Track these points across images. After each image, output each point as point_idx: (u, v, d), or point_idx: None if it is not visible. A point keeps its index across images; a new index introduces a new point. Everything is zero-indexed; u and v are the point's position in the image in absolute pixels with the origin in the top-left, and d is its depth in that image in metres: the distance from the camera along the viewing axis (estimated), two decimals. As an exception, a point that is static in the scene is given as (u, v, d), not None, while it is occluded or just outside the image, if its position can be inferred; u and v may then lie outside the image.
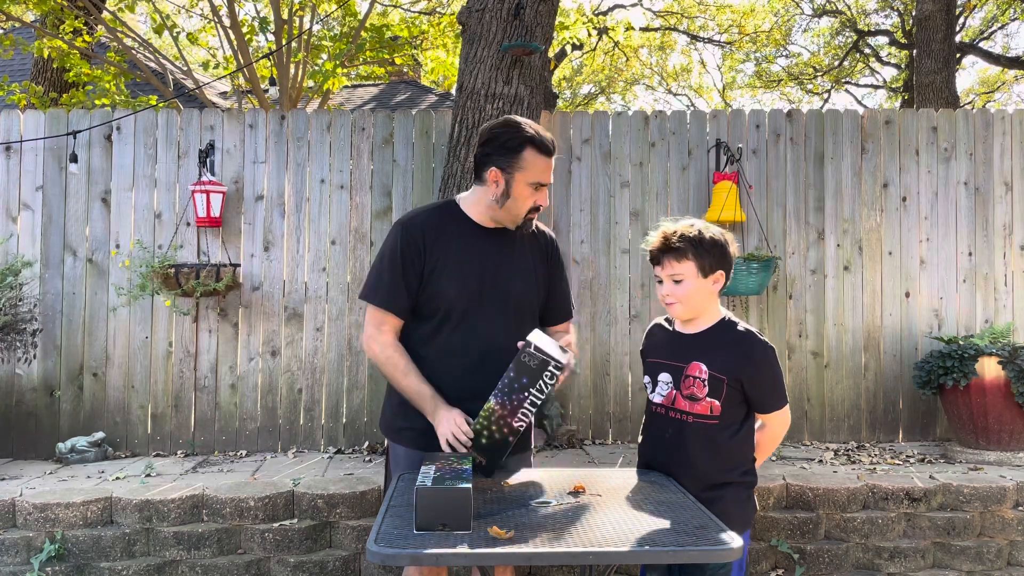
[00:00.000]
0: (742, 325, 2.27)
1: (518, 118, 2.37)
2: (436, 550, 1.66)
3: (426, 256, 2.36)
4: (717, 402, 2.19)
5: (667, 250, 2.22)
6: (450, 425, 2.23)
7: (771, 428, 2.31)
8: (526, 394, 2.14)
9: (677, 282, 2.22)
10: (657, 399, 2.30)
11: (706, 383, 2.19)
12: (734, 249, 2.28)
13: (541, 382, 2.13)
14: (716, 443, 2.20)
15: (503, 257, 2.43)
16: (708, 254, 2.21)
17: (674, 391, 2.25)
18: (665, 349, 2.33)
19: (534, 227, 2.48)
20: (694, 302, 2.24)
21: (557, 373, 2.12)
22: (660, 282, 2.28)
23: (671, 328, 2.36)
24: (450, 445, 2.23)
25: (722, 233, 2.26)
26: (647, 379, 2.36)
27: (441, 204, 2.53)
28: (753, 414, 2.28)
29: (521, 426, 2.16)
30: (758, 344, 2.21)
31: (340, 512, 3.55)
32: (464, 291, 2.36)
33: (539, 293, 2.50)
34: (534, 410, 2.15)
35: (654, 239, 2.26)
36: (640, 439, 2.42)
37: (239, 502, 3.49)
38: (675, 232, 2.22)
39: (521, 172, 2.31)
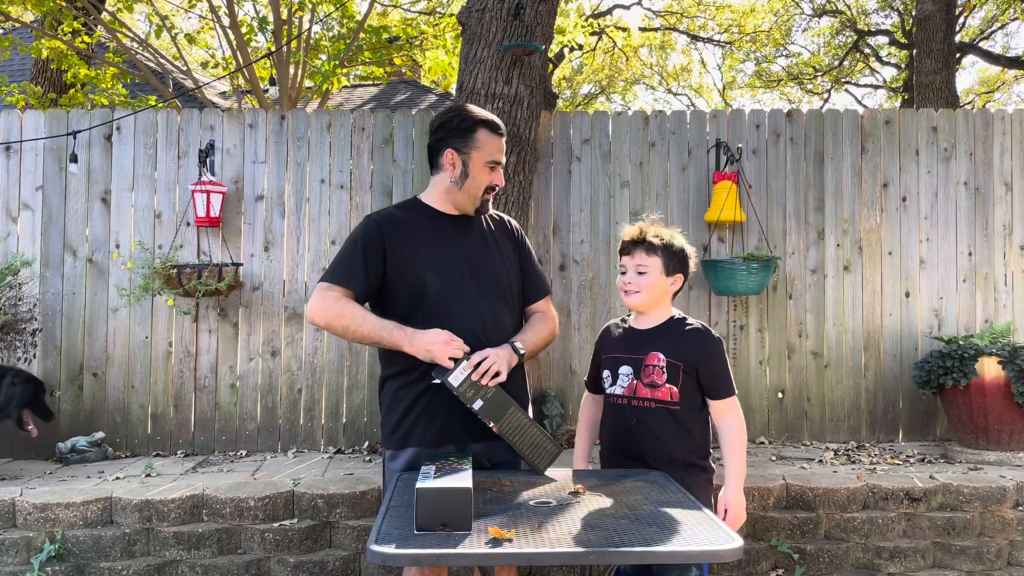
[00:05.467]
0: (691, 320, 2.47)
1: (465, 104, 2.47)
2: (436, 550, 1.66)
3: (389, 243, 2.39)
4: (675, 388, 2.38)
5: (641, 242, 2.43)
6: (442, 338, 2.24)
7: (729, 423, 2.40)
8: (470, 410, 2.27)
9: (641, 273, 2.42)
10: (618, 391, 2.46)
11: (664, 370, 2.38)
12: (693, 263, 2.50)
13: (459, 400, 2.25)
14: (679, 423, 2.39)
15: (479, 242, 2.49)
16: (675, 257, 2.45)
17: (635, 381, 2.42)
18: (623, 344, 2.50)
19: (493, 213, 2.58)
20: (652, 295, 2.43)
21: (449, 390, 2.24)
22: (623, 273, 2.47)
23: (626, 326, 2.53)
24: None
25: (689, 247, 2.50)
26: (606, 373, 2.50)
27: (404, 202, 2.61)
28: (707, 405, 2.44)
29: (497, 429, 2.27)
30: (708, 335, 2.43)
31: (340, 512, 3.55)
32: (444, 278, 2.39)
33: (517, 273, 2.56)
34: (483, 416, 2.25)
35: (632, 230, 2.46)
36: (601, 433, 2.56)
37: (239, 502, 3.49)
38: (652, 229, 2.45)
39: (477, 151, 2.41)
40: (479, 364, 2.25)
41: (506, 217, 2.65)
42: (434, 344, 2.24)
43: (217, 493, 3.53)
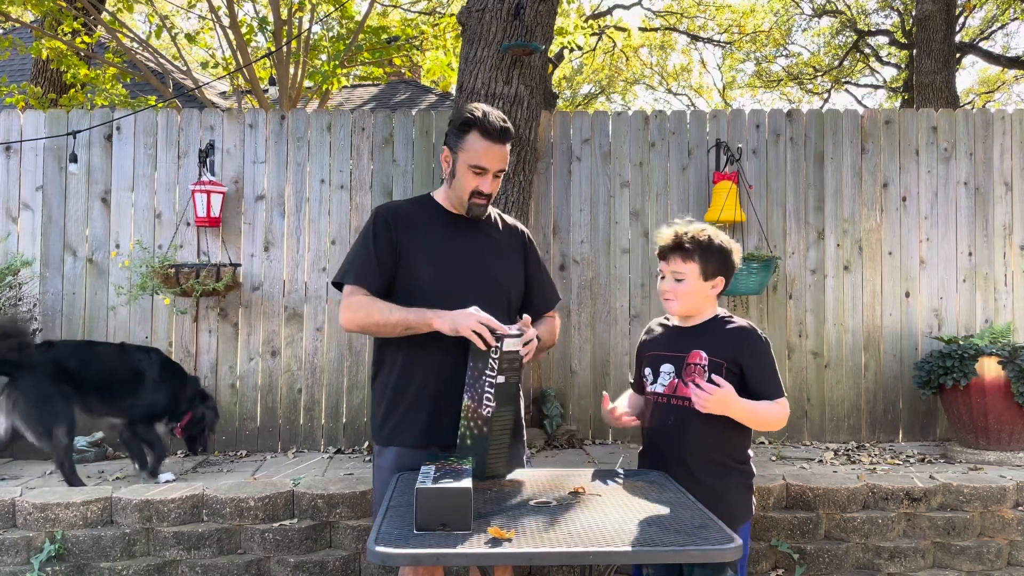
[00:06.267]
0: (736, 318, 2.37)
1: (484, 105, 2.39)
2: (436, 550, 1.65)
3: (397, 234, 2.37)
4: None
5: (676, 248, 2.33)
6: (473, 316, 2.15)
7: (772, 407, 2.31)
8: (483, 379, 2.16)
9: (679, 280, 2.32)
10: (659, 389, 2.37)
11: (707, 368, 2.27)
12: (737, 258, 2.38)
13: (490, 360, 2.14)
14: (718, 424, 2.25)
15: (484, 246, 2.45)
16: (713, 259, 2.32)
17: (676, 379, 2.33)
18: (665, 342, 2.42)
19: (495, 217, 2.53)
20: (691, 301, 2.35)
21: (498, 346, 2.13)
22: (663, 277, 2.38)
23: (670, 324, 2.45)
24: (486, 345, 2.13)
25: (730, 241, 2.38)
26: (648, 371, 2.42)
27: (417, 196, 2.58)
28: None
29: (488, 412, 2.15)
30: (754, 333, 2.32)
31: (340, 512, 3.55)
32: (441, 276, 2.36)
33: (521, 283, 2.53)
34: (493, 391, 2.14)
35: (667, 235, 2.35)
36: (642, 431, 2.47)
37: (239, 502, 3.49)
38: (687, 233, 2.33)
39: (464, 153, 2.35)
40: (529, 342, 2.18)
41: (520, 226, 2.61)
42: (458, 315, 2.18)
43: (217, 493, 3.53)
